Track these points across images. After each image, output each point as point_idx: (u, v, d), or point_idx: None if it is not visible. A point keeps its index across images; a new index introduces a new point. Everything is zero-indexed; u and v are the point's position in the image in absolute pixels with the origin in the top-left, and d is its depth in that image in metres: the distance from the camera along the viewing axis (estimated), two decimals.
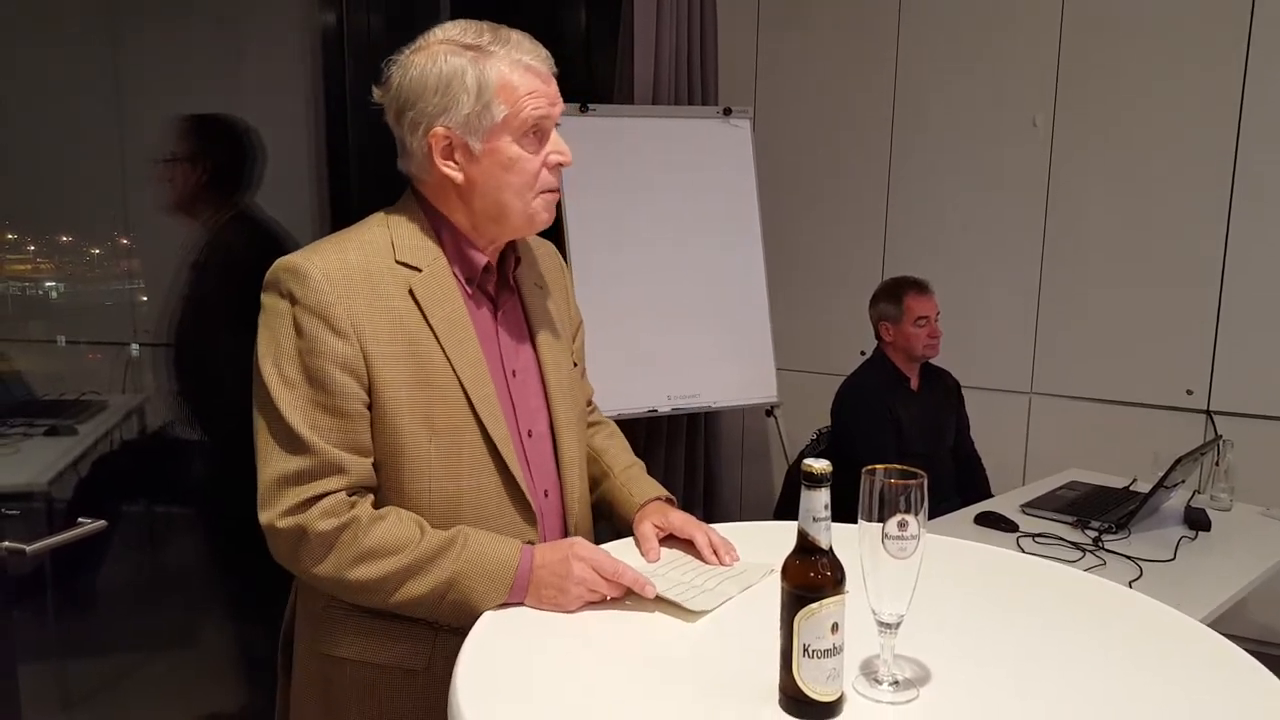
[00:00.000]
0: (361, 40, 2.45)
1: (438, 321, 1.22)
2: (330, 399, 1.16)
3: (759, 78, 4.11)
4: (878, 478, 0.94)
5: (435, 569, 1.16)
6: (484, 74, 1.18)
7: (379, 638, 1.22)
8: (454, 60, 1.18)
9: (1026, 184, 3.62)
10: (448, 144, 1.21)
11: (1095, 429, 3.54)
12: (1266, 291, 3.26)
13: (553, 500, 1.35)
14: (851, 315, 3.87)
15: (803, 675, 0.92)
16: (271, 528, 1.16)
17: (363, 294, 1.18)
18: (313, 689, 1.28)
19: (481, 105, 1.18)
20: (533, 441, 1.33)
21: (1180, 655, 1.09)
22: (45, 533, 1.37)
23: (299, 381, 1.16)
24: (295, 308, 1.16)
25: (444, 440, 1.21)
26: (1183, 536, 2.36)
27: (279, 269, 1.19)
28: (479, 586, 1.16)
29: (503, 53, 1.20)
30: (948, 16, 3.72)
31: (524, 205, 1.24)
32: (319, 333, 1.15)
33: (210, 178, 2.10)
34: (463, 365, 1.22)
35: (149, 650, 2.18)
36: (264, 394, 1.17)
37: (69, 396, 1.97)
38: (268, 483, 1.16)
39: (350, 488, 1.18)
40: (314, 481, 1.15)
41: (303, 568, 1.17)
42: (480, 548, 1.18)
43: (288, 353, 1.16)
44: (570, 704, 0.96)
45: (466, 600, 1.16)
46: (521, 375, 1.33)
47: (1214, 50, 3.26)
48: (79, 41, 1.96)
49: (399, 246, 1.23)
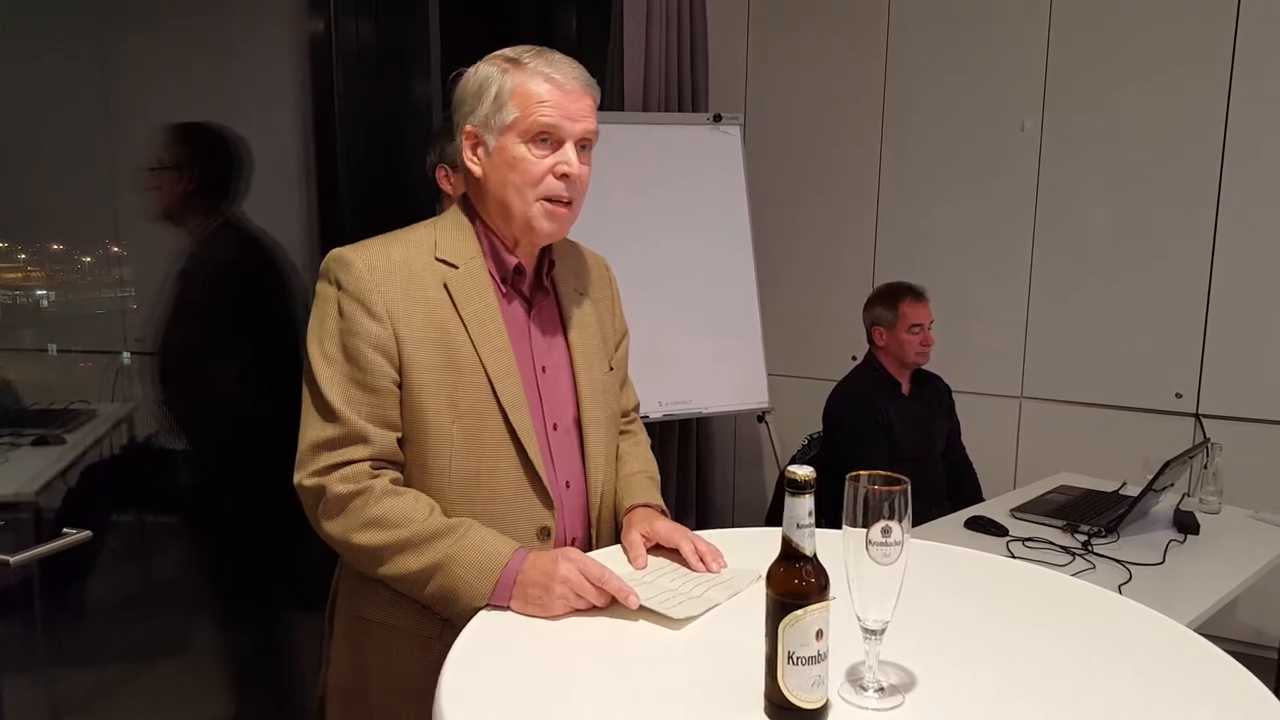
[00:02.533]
0: (350, 49, 2.45)
1: (468, 314, 1.32)
2: (364, 375, 1.27)
3: (749, 84, 4.12)
4: (862, 484, 0.95)
5: (429, 549, 1.23)
6: (508, 81, 1.30)
7: (402, 603, 1.30)
8: (488, 68, 1.32)
9: (1016, 188, 3.64)
10: (474, 140, 1.34)
11: (1085, 433, 3.55)
12: (1254, 295, 3.27)
13: (575, 492, 1.41)
14: (842, 320, 3.88)
15: (787, 682, 0.92)
16: (300, 486, 1.28)
17: (400, 284, 1.29)
18: (346, 644, 1.40)
19: (497, 106, 1.30)
20: (558, 435, 1.40)
21: (1166, 661, 1.10)
22: (31, 543, 1.36)
23: (338, 359, 1.28)
24: (340, 293, 1.29)
25: (467, 422, 1.30)
26: (1171, 540, 2.37)
27: (330, 259, 1.32)
28: (466, 576, 1.21)
29: (533, 66, 1.31)
30: (936, 23, 3.74)
31: (524, 206, 1.32)
32: (357, 315, 1.27)
33: (197, 186, 2.09)
34: (488, 354, 1.31)
35: (138, 660, 2.17)
36: (308, 368, 1.30)
37: (57, 406, 1.97)
38: (304, 447, 1.28)
39: (374, 458, 1.27)
40: (341, 449, 1.26)
41: (320, 525, 1.28)
42: (476, 539, 1.24)
43: (330, 332, 1.29)
44: (555, 711, 0.96)
45: (452, 586, 1.21)
46: (552, 371, 1.41)
47: (1201, 55, 3.28)
48: (67, 49, 1.95)
49: (440, 245, 1.35)
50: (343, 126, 2.41)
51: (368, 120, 2.46)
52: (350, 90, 2.43)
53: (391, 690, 1.34)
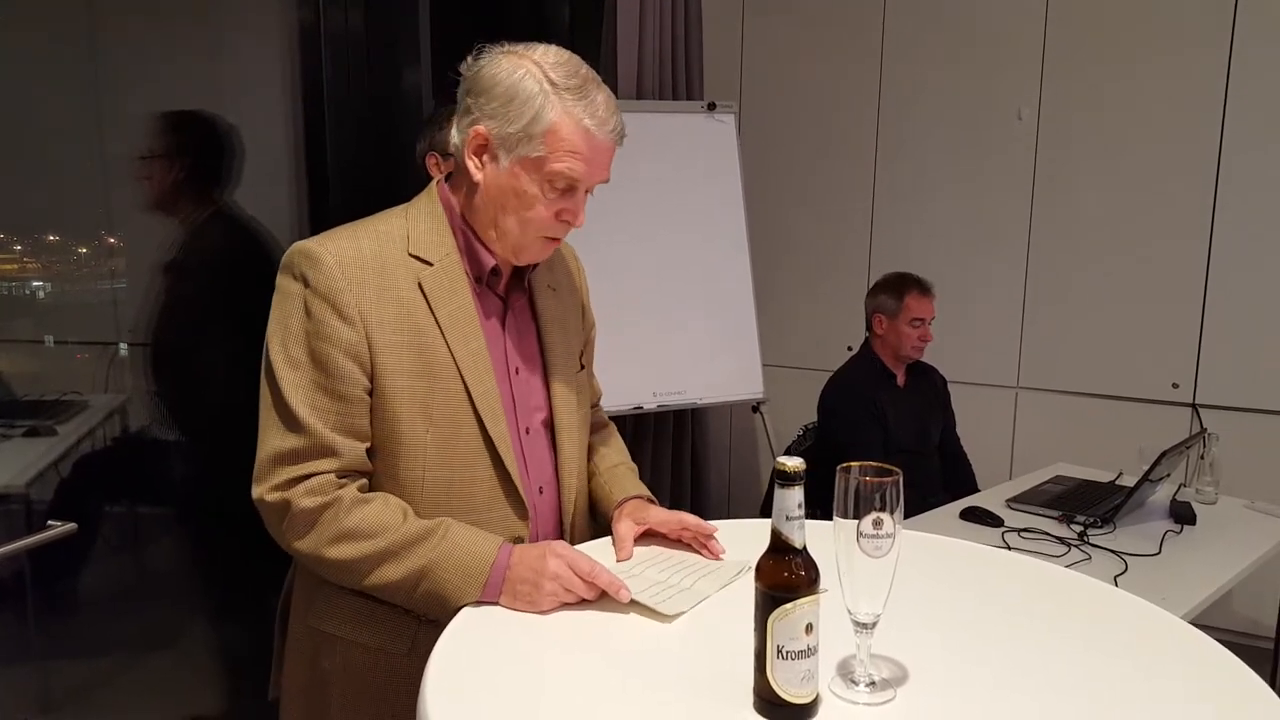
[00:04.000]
0: (339, 37, 2.43)
1: (444, 315, 1.25)
2: (332, 382, 1.20)
3: (744, 72, 4.10)
4: (853, 475, 0.93)
5: (411, 556, 1.18)
6: (545, 111, 1.20)
7: (367, 618, 1.25)
8: (530, 83, 1.21)
9: (1012, 178, 3.62)
10: (483, 144, 1.24)
11: (1081, 423, 3.55)
12: (1251, 285, 3.26)
13: (548, 497, 1.38)
14: (838, 310, 3.88)
15: (777, 677, 0.91)
16: (261, 501, 1.20)
17: (373, 283, 1.21)
18: (302, 658, 1.33)
19: (526, 134, 1.21)
20: (530, 439, 1.35)
21: (1161, 653, 1.09)
22: (19, 534, 1.35)
23: (304, 363, 1.20)
24: (307, 291, 1.20)
25: (441, 430, 1.24)
26: (1168, 530, 2.36)
27: (295, 252, 1.23)
28: (453, 579, 1.17)
29: (575, 106, 1.21)
30: (933, 10, 3.71)
31: (519, 235, 1.27)
32: (327, 317, 1.19)
33: (188, 175, 2.08)
34: (465, 359, 1.26)
35: (131, 652, 2.16)
36: (269, 372, 1.22)
37: (49, 397, 1.96)
38: (263, 459, 1.20)
39: (341, 470, 1.21)
40: (306, 461, 1.19)
41: (287, 542, 1.21)
42: (459, 540, 1.20)
43: (295, 334, 1.21)
44: (543, 704, 0.95)
45: (440, 591, 1.17)
46: (524, 374, 1.36)
47: (1198, 44, 3.26)
48: (58, 39, 1.94)
49: (413, 239, 1.27)
50: (332, 114, 2.39)
51: (357, 108, 2.44)
52: (339, 78, 2.41)
53: (355, 695, 1.28)
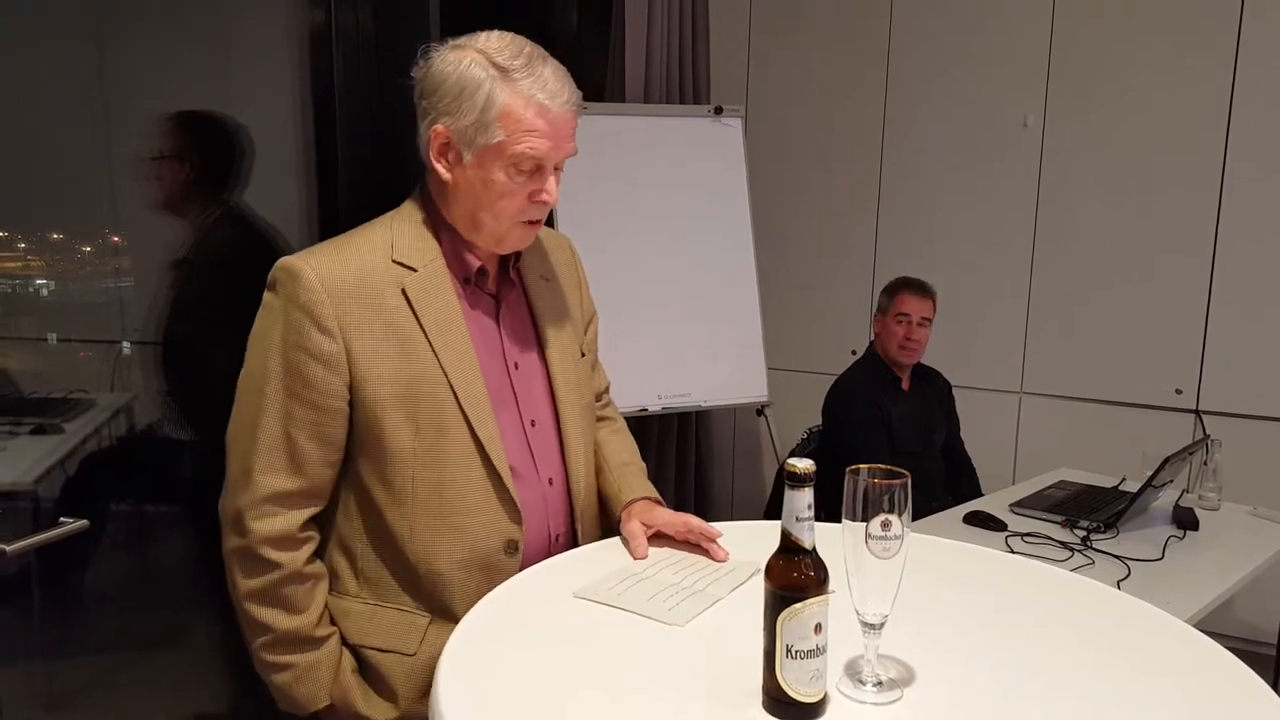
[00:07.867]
0: (350, 38, 2.44)
1: (429, 321, 1.26)
2: (307, 391, 1.22)
3: (750, 77, 4.11)
4: (861, 477, 0.94)
5: (299, 651, 1.28)
6: (495, 95, 1.20)
7: (371, 620, 1.30)
8: (476, 71, 1.21)
9: (1017, 184, 3.63)
10: (444, 143, 1.25)
11: (1085, 428, 3.55)
12: (1255, 291, 3.27)
13: (558, 488, 1.40)
14: (843, 314, 3.89)
15: (786, 676, 0.91)
16: (226, 516, 1.28)
17: (354, 294, 1.23)
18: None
19: (482, 123, 1.21)
20: (536, 430, 1.37)
21: (1165, 656, 1.09)
22: (28, 532, 1.36)
23: (279, 373, 1.23)
24: (287, 304, 1.23)
25: (428, 434, 1.26)
26: (1171, 536, 2.37)
27: (278, 269, 1.26)
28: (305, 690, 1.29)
29: (525, 84, 1.21)
30: (939, 16, 3.72)
31: (497, 225, 1.28)
32: (306, 329, 1.21)
33: (198, 175, 2.08)
34: (451, 364, 1.26)
35: (137, 650, 2.17)
36: (245, 381, 1.26)
37: (56, 395, 1.96)
38: (236, 469, 1.27)
39: (304, 491, 1.26)
40: (274, 475, 1.24)
41: (232, 562, 1.30)
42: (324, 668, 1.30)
43: (274, 345, 1.23)
44: (553, 704, 0.96)
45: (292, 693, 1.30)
46: (525, 368, 1.37)
47: (1204, 51, 3.27)
48: (66, 39, 1.95)
49: (397, 246, 1.28)
50: (342, 115, 2.40)
51: (367, 109, 2.45)
52: (350, 78, 2.42)
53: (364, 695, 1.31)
